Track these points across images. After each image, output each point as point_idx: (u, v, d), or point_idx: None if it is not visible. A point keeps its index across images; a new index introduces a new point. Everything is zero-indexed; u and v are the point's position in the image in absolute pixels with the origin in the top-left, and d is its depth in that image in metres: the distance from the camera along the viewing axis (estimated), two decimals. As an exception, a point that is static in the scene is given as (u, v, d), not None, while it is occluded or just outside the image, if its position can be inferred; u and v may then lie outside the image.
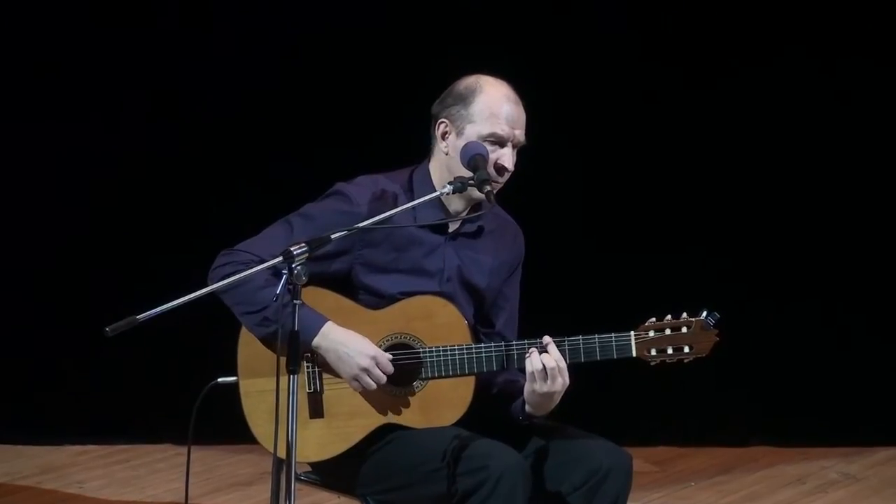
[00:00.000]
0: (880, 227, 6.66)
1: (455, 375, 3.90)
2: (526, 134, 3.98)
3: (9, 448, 6.54)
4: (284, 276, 3.54)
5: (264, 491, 5.14)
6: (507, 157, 3.94)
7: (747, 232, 6.67)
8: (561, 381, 3.85)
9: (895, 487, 6.19)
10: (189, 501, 4.20)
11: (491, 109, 3.93)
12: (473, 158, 3.88)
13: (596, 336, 3.87)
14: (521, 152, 3.99)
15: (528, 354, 3.85)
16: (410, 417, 3.93)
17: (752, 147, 6.64)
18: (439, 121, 3.99)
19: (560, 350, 3.85)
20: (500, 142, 3.94)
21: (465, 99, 3.96)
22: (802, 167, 6.64)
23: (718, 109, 6.61)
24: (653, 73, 6.58)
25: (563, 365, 3.85)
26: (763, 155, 6.65)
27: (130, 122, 6.61)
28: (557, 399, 3.88)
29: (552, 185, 6.30)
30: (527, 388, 3.88)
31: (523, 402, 3.93)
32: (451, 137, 3.97)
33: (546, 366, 3.83)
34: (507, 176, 3.97)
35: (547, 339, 3.86)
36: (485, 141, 3.92)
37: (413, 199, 3.92)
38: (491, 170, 3.91)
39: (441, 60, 5.46)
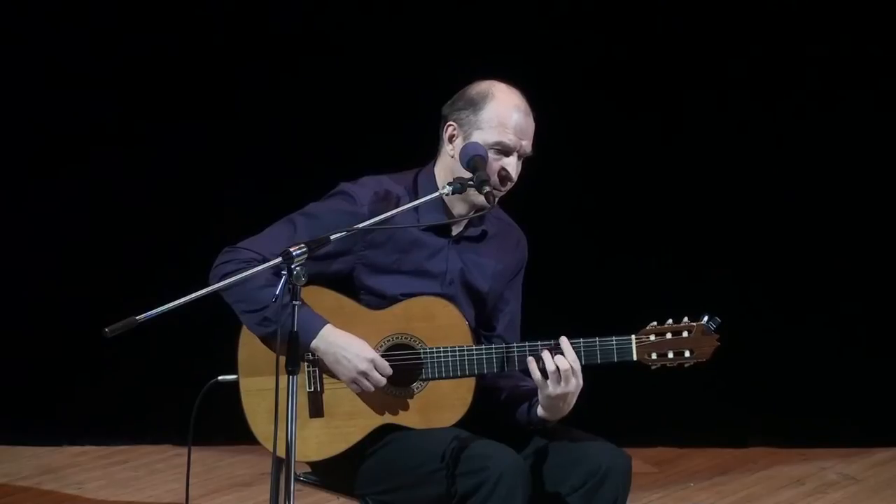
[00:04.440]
0: (878, 230, 6.67)
1: (455, 377, 3.90)
2: (533, 145, 3.98)
3: (8, 449, 6.54)
4: (284, 277, 3.54)
5: (264, 491, 5.14)
6: (511, 166, 3.94)
7: (747, 236, 6.67)
8: (575, 383, 3.84)
9: (894, 488, 6.19)
10: (189, 502, 4.20)
11: (500, 118, 3.93)
12: (472, 159, 3.88)
13: (597, 339, 3.87)
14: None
15: (540, 355, 3.84)
16: (410, 418, 3.93)
17: (752, 153, 6.64)
18: (448, 123, 3.99)
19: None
20: (505, 151, 3.94)
21: (475, 104, 3.95)
22: (799, 172, 6.64)
23: (720, 113, 6.61)
24: (657, 77, 6.58)
25: (578, 367, 3.85)
26: (762, 160, 6.65)
27: (131, 121, 6.60)
28: (572, 401, 3.88)
29: (555, 189, 6.30)
30: (540, 392, 3.87)
31: (529, 407, 3.94)
32: (459, 141, 3.97)
33: (560, 367, 3.83)
34: (509, 185, 3.96)
35: (563, 339, 3.86)
36: (491, 149, 3.92)
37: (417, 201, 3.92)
38: (494, 178, 3.92)
39: (453, 62, 5.48)
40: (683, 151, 6.63)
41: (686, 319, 3.90)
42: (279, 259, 3.56)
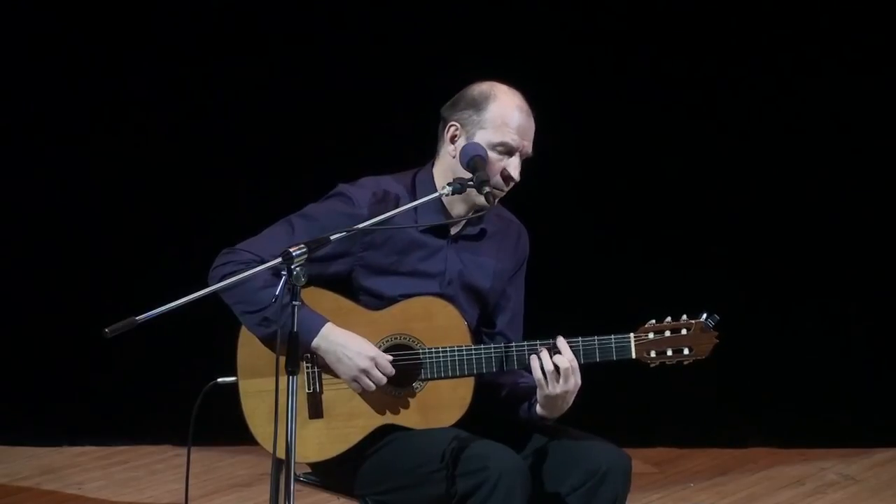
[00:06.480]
0: (880, 230, 6.67)
1: (454, 377, 3.90)
2: (533, 146, 3.98)
3: (8, 449, 6.54)
4: (284, 277, 3.54)
5: (263, 492, 5.15)
6: (513, 166, 3.94)
7: (747, 234, 6.68)
8: (573, 381, 3.85)
9: (894, 489, 6.19)
10: (188, 503, 4.20)
11: (503, 118, 3.93)
12: (472, 160, 3.88)
13: (595, 338, 3.87)
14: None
15: (539, 354, 3.85)
16: (410, 418, 3.93)
17: (752, 151, 6.65)
18: (450, 124, 3.99)
19: (559, 351, 3.87)
20: (508, 151, 3.94)
21: (477, 105, 3.96)
22: (800, 170, 6.64)
23: (719, 112, 6.62)
24: (657, 76, 6.59)
25: (576, 365, 3.85)
26: (762, 158, 6.65)
27: (132, 121, 6.61)
28: (570, 400, 3.88)
29: (554, 187, 6.30)
30: (539, 390, 3.88)
31: (529, 405, 3.94)
32: (461, 141, 3.96)
33: (559, 366, 3.84)
34: (511, 185, 3.97)
35: (560, 339, 3.87)
36: (494, 149, 3.92)
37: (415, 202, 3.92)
38: (497, 178, 3.92)
39: (449, 63, 5.48)
40: (682, 150, 6.63)
41: (684, 317, 3.90)
42: (279, 259, 3.56)
